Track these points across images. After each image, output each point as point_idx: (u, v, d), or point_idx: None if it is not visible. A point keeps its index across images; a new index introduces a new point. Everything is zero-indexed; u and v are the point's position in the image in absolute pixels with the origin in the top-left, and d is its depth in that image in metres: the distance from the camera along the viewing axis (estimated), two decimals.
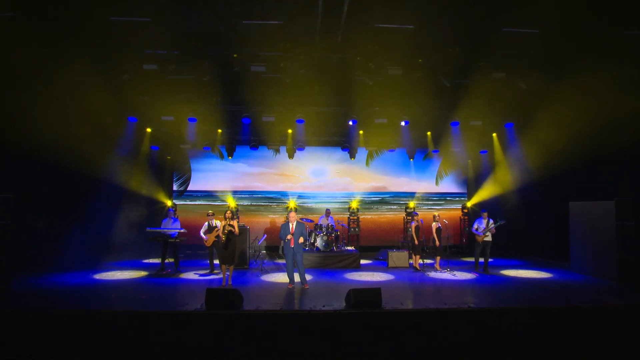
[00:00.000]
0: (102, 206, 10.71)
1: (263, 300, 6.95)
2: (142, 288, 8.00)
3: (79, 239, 10.14)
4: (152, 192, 12.77)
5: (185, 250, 12.75)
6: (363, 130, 12.49)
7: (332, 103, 11.29)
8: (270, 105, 11.09)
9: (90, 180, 10.34)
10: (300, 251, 8.02)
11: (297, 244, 7.96)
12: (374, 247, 13.47)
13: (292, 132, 12.51)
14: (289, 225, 8.09)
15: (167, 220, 9.76)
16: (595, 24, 7.79)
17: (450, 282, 8.70)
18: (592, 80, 8.35)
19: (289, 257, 8.02)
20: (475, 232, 9.96)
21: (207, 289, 6.54)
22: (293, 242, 7.94)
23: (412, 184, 14.49)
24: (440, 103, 11.18)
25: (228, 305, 6.38)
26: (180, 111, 11.14)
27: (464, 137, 12.28)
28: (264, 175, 14.15)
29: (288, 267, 8.04)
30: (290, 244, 7.96)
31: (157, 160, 12.98)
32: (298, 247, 7.99)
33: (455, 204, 14.60)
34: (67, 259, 9.91)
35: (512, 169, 11.89)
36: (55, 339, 5.61)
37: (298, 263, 8.03)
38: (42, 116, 8.46)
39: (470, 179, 14.28)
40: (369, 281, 8.81)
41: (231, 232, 8.26)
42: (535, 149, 10.55)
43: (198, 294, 7.21)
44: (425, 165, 14.59)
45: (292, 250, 7.95)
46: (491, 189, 12.87)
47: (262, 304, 6.65)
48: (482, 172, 13.61)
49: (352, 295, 6.59)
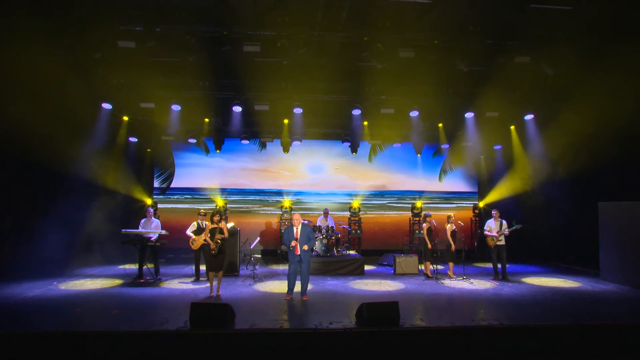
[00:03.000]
0: (71, 204, 9.92)
1: (258, 315, 6.25)
2: (114, 300, 7.20)
3: (42, 242, 9.31)
4: (129, 189, 12.13)
5: (167, 255, 12.26)
6: (368, 121, 11.87)
7: (333, 90, 10.64)
8: (265, 91, 10.46)
9: (56, 174, 9.68)
10: (307, 260, 7.34)
11: (304, 251, 7.26)
12: (376, 250, 12.91)
13: (288, 123, 11.87)
14: (292, 230, 7.39)
15: (146, 221, 9.13)
16: None
17: (469, 292, 8.07)
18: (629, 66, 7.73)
19: (293, 266, 7.36)
20: (487, 234, 9.36)
21: (192, 304, 5.75)
22: (298, 250, 7.25)
23: (419, 181, 13.99)
24: (454, 91, 10.60)
25: (217, 323, 5.60)
26: (161, 97, 10.41)
27: (478, 130, 11.73)
28: (255, 171, 13.58)
29: (290, 276, 7.38)
30: (295, 252, 7.27)
31: (135, 154, 12.39)
32: (305, 255, 7.30)
33: (465, 203, 14.10)
34: (27, 264, 9.08)
35: (531, 165, 11.35)
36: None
37: (303, 273, 7.37)
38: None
39: (482, 176, 13.81)
40: (378, 291, 8.16)
41: (224, 242, 7.51)
42: (560, 143, 9.98)
43: (181, 308, 6.56)
44: (434, 162, 14.12)
45: (297, 258, 7.29)
46: (507, 187, 12.34)
47: (257, 321, 5.93)
48: (496, 169, 13.14)
49: (366, 310, 5.87)
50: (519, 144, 11.62)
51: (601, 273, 9.25)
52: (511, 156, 12.10)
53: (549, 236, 11.25)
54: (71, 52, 8.27)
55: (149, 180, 13.11)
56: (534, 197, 11.34)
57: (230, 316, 5.89)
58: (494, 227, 9.29)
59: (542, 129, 10.87)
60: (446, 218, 9.73)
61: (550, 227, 11.03)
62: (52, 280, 8.66)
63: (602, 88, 8.48)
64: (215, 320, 5.63)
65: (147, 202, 12.55)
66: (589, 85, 8.68)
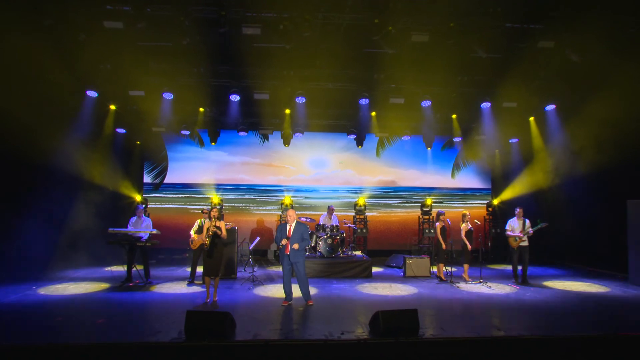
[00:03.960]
0: (53, 200, 9.64)
1: (260, 324, 5.88)
2: (100, 307, 6.80)
3: (20, 241, 8.99)
4: (116, 185, 11.84)
5: (158, 255, 12.02)
6: (376, 112, 11.52)
7: (339, 78, 10.27)
8: (265, 79, 10.07)
9: (37, 167, 9.30)
10: (299, 259, 6.94)
11: (294, 250, 6.89)
12: (383, 251, 12.67)
13: (290, 113, 11.49)
14: (286, 227, 7.08)
15: (136, 219, 8.85)
16: None
17: (489, 297, 7.72)
18: None
19: (285, 267, 7.01)
20: (509, 234, 9.00)
21: (187, 312, 5.35)
22: (288, 249, 6.89)
23: (429, 177, 13.76)
24: (469, 80, 10.25)
25: (216, 334, 5.18)
26: (152, 85, 10.06)
27: (493, 122, 11.36)
28: (253, 165, 13.28)
29: (284, 279, 7.05)
30: (285, 251, 6.92)
31: (123, 146, 12.10)
32: (295, 255, 6.91)
33: (478, 201, 13.82)
34: (2, 266, 8.73)
35: (552, 159, 11.02)
36: None
37: (298, 274, 6.97)
38: None
39: (496, 172, 13.53)
40: (389, 296, 7.81)
41: (217, 235, 7.12)
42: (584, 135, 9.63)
43: (175, 315, 6.14)
44: (444, 156, 13.88)
45: (287, 258, 6.94)
46: (524, 183, 12.02)
47: (260, 330, 5.56)
48: (511, 164, 12.82)
49: (382, 318, 5.50)
50: (538, 137, 11.29)
51: (630, 276, 8.93)
52: (529, 150, 11.78)
53: (570, 236, 10.92)
54: (52, 34, 7.88)
55: (139, 175, 12.80)
56: (554, 194, 10.98)
57: (231, 326, 5.49)
58: (516, 226, 8.96)
59: (564, 120, 10.52)
60: (461, 216, 9.47)
61: (572, 227, 10.70)
62: (31, 284, 8.30)
63: (632, 76, 8.10)
64: (214, 330, 5.24)
65: (137, 198, 12.21)
66: (617, 73, 8.32)
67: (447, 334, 5.51)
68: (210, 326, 5.25)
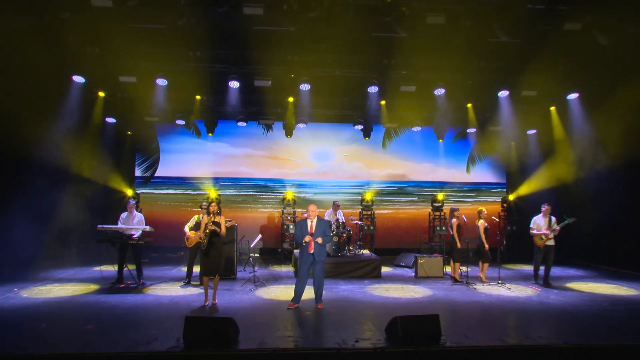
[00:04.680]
0: (37, 195, 9.46)
1: (266, 330, 5.61)
2: (89, 312, 6.49)
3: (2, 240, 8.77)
4: (106, 178, 11.62)
5: (151, 254, 11.86)
6: (385, 100, 11.25)
7: (347, 63, 9.94)
8: (267, 64, 9.80)
9: (20, 159, 9.15)
10: (322, 259, 6.85)
11: (318, 248, 6.76)
12: (390, 249, 12.52)
13: (293, 102, 11.19)
14: (306, 223, 6.89)
15: (127, 215, 8.62)
16: None
17: (511, 300, 7.46)
18: None
19: (304, 267, 6.83)
20: (535, 232, 8.77)
21: (186, 318, 5.06)
22: (312, 246, 6.73)
23: (440, 171, 13.57)
24: (486, 66, 9.92)
25: (218, 342, 4.90)
26: (144, 70, 9.77)
27: (511, 112, 11.08)
28: (253, 158, 13.10)
29: (299, 280, 6.83)
30: (309, 249, 6.74)
31: (113, 137, 11.85)
32: (319, 253, 6.79)
33: (492, 197, 13.64)
34: None
35: (575, 152, 10.74)
36: None
37: (316, 275, 6.83)
38: None
39: (512, 165, 13.28)
40: (402, 299, 7.56)
41: (215, 233, 6.86)
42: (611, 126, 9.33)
43: (172, 320, 5.92)
44: (455, 148, 13.68)
45: (311, 257, 6.78)
46: (543, 178, 11.75)
47: (266, 338, 5.26)
48: (529, 157, 12.57)
49: (401, 325, 5.23)
50: (560, 128, 11.01)
51: None
52: (549, 142, 11.53)
53: (593, 234, 10.65)
54: (34, 13, 7.61)
55: (130, 168, 12.61)
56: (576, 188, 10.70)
57: (234, 333, 5.17)
58: (542, 224, 8.72)
59: (589, 109, 10.25)
60: (477, 213, 9.22)
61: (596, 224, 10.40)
62: (12, 286, 8.05)
63: None
64: (216, 338, 4.94)
65: (128, 193, 11.98)
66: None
67: (471, 341, 5.23)
68: (212, 333, 4.97)
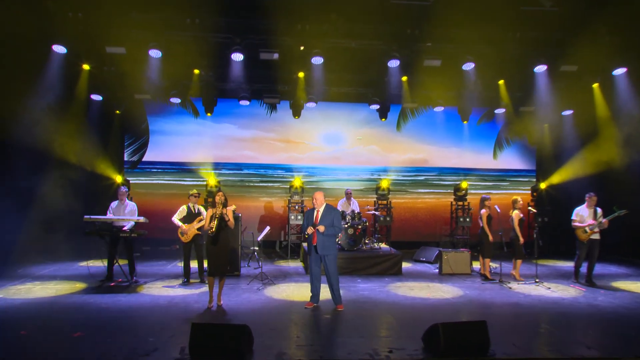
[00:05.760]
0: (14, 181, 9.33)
1: (282, 337, 5.24)
2: (75, 315, 6.06)
3: None
4: (92, 163, 11.29)
5: (142, 247, 11.55)
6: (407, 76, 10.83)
7: (363, 33, 9.47)
8: (274, 34, 9.38)
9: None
10: (330, 252, 6.47)
11: (323, 241, 6.41)
12: (408, 243, 12.29)
13: (303, 77, 10.82)
14: (313, 213, 6.61)
15: (118, 205, 8.35)
16: None
17: (554, 302, 7.04)
18: None
19: (313, 262, 6.57)
20: (577, 225, 8.39)
21: (192, 324, 4.60)
22: (316, 239, 6.41)
23: (463, 156, 13.29)
24: (522, 37, 9.46)
25: (230, 353, 4.46)
26: (135, 40, 9.35)
27: (546, 90, 10.65)
28: (257, 141, 12.91)
29: (312, 277, 6.60)
30: (313, 241, 6.47)
31: (100, 116, 11.53)
32: (324, 246, 6.42)
33: (520, 185, 13.34)
34: None
35: (621, 134, 10.31)
36: None
37: (328, 271, 6.47)
38: None
39: (544, 150, 12.90)
40: (430, 299, 7.18)
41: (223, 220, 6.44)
42: None
43: (173, 326, 5.55)
44: (480, 131, 13.32)
45: (314, 250, 6.51)
46: (581, 164, 11.35)
47: (284, 347, 4.86)
48: (564, 140, 12.15)
49: (443, 333, 4.77)
50: (604, 107, 10.56)
51: None
52: (589, 124, 11.09)
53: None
54: None
55: (119, 151, 12.31)
56: (622, 175, 10.25)
57: (248, 341, 4.71)
58: (586, 215, 8.33)
59: (638, 86, 9.82)
60: (511, 203, 8.86)
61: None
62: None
63: None
64: (228, 348, 4.49)
65: (117, 179, 11.68)
66: None
67: (524, 353, 4.82)
68: (223, 343, 4.51)
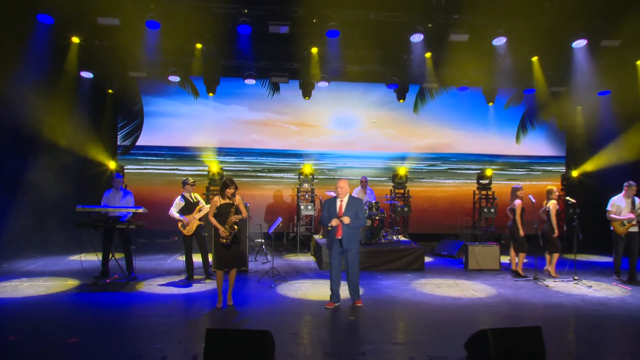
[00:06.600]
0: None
1: (305, 342, 4.92)
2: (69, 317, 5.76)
3: None
4: (83, 147, 10.99)
5: (138, 239, 11.28)
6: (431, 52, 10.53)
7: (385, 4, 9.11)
8: (285, 4, 9.16)
9: None
10: (354, 246, 6.30)
11: (348, 234, 6.21)
12: (427, 235, 12.16)
13: (317, 53, 10.51)
14: (335, 203, 6.37)
15: (113, 193, 8.04)
16: None
17: (599, 302, 6.72)
18: None
19: (334, 256, 6.34)
20: (614, 217, 8.06)
21: (207, 331, 4.24)
22: (341, 231, 6.17)
23: (487, 141, 13.03)
24: (561, 7, 9.03)
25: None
26: (130, 9, 9.04)
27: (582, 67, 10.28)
28: (263, 124, 12.66)
29: (332, 273, 6.36)
30: (337, 234, 6.21)
31: (91, 95, 11.17)
32: (349, 240, 6.23)
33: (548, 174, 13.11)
34: None
35: None
36: None
37: (349, 267, 6.33)
38: None
39: (576, 135, 12.60)
40: (462, 299, 6.86)
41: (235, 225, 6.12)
42: None
43: (181, 329, 5.27)
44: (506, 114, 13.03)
45: (337, 244, 6.28)
46: (620, 150, 11.00)
47: (309, 355, 4.53)
48: (599, 124, 11.81)
49: (493, 340, 4.38)
50: None
51: None
52: (630, 105, 10.68)
53: None
54: None
55: (112, 134, 12.05)
56: None
57: (270, 349, 4.33)
58: (623, 206, 7.97)
59: None
60: (545, 193, 8.58)
61: None
62: None
63: None
64: (248, 356, 4.13)
65: (110, 165, 11.46)
66: None
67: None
68: (243, 351, 4.15)
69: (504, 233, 11.89)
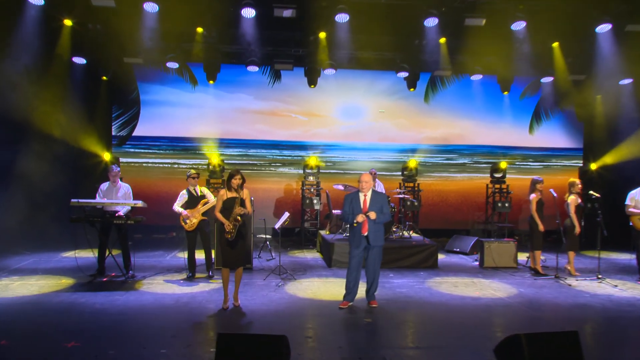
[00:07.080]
0: None
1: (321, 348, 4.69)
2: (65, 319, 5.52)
3: None
4: (77, 137, 10.81)
5: (134, 234, 10.83)
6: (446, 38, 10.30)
7: None
8: None
9: None
10: (379, 244, 6.16)
11: (375, 229, 6.08)
12: (437, 230, 11.94)
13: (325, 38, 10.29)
14: (358, 198, 6.19)
15: (109, 186, 7.83)
16: None
17: (629, 303, 6.55)
18: None
19: (356, 253, 6.18)
20: (633, 211, 7.91)
21: (218, 336, 4.01)
22: (367, 228, 6.01)
23: (501, 132, 12.90)
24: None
25: None
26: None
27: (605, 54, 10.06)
28: (267, 113, 12.52)
29: (351, 272, 6.21)
30: (363, 230, 6.03)
31: (84, 82, 11.01)
32: (376, 237, 6.10)
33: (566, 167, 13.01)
34: None
35: None
36: None
37: (371, 264, 6.22)
38: None
39: (595, 126, 12.39)
40: (482, 299, 6.68)
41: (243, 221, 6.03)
42: None
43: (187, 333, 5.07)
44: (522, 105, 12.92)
45: (364, 242, 6.10)
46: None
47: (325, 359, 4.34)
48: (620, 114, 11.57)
49: (527, 346, 4.17)
50: None
51: None
52: None
53: None
54: None
55: (106, 124, 11.88)
56: None
57: (285, 355, 4.12)
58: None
59: None
60: (567, 186, 8.38)
61: None
62: None
63: None
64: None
65: (105, 157, 11.34)
66: None
67: None
68: (256, 356, 3.96)
69: (517, 228, 11.80)
